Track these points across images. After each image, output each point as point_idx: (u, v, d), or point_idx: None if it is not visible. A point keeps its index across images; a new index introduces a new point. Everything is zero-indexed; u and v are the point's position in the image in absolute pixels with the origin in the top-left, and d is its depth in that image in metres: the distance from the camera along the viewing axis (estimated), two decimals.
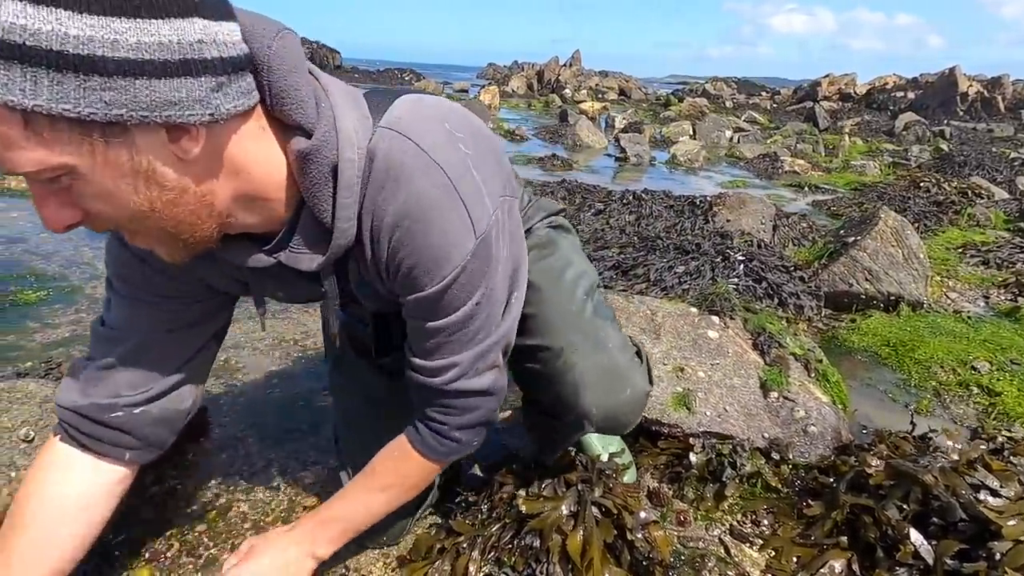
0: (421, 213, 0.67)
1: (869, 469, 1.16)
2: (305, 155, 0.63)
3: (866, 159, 6.99)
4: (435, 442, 0.83)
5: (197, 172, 0.59)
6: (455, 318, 0.73)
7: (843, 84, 15.97)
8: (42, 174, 0.52)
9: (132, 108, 0.50)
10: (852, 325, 2.27)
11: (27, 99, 0.47)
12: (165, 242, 0.63)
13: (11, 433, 1.06)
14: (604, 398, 0.88)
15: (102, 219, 0.58)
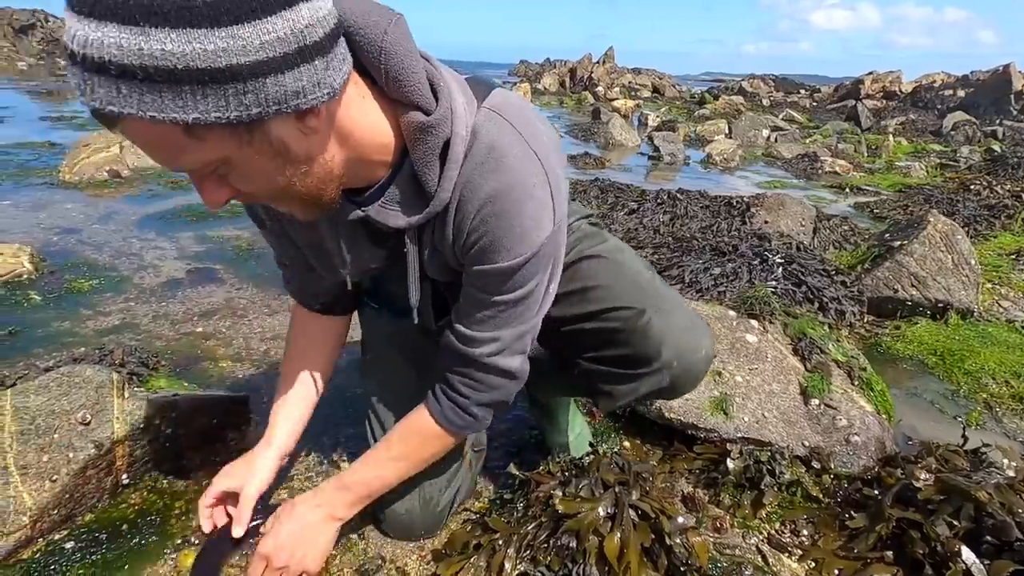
0: (514, 194, 0.73)
1: (917, 483, 1.12)
2: (424, 128, 0.71)
3: (911, 160, 6.73)
4: (454, 415, 0.89)
5: (320, 144, 0.66)
6: (513, 296, 0.79)
7: (887, 82, 15.40)
8: (203, 168, 0.62)
9: (266, 105, 0.57)
10: (896, 332, 2.19)
11: (186, 114, 0.54)
12: (302, 207, 0.73)
13: (69, 416, 1.11)
14: (684, 352, 0.90)
15: (250, 195, 0.68)
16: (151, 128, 0.55)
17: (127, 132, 0.57)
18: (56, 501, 1.05)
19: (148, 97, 0.52)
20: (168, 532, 1.10)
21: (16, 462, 1.04)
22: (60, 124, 5.68)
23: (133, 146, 3.95)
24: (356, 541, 1.11)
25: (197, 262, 2.47)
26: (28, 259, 2.21)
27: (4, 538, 1.00)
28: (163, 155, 0.59)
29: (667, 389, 0.94)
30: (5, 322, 1.83)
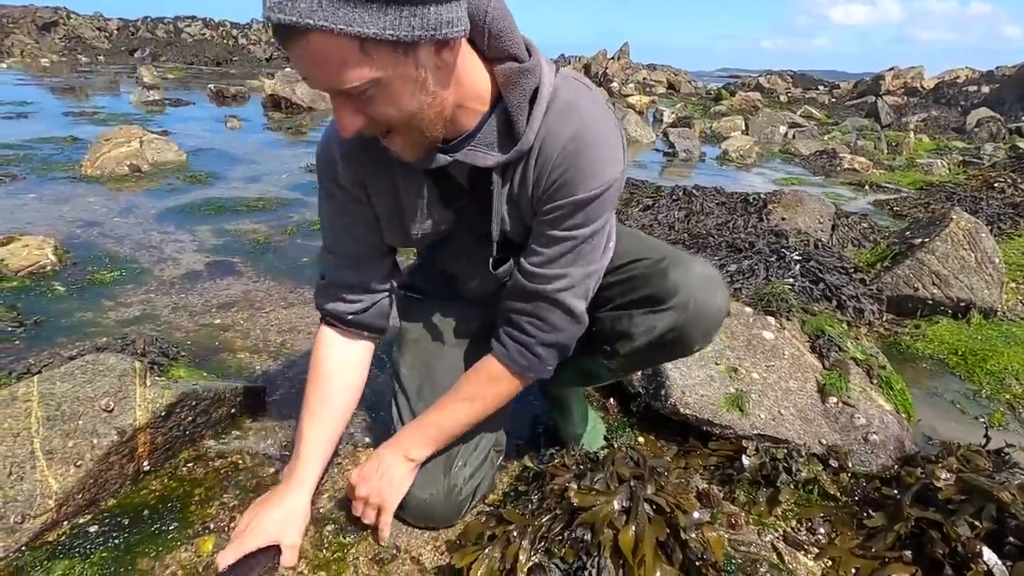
0: (591, 136, 0.85)
1: (938, 482, 1.10)
2: (521, 71, 0.82)
3: (933, 157, 6.60)
4: (519, 356, 0.98)
5: (445, 79, 0.77)
6: (585, 231, 0.89)
7: (909, 78, 15.10)
8: (359, 88, 0.70)
9: (427, 29, 0.67)
10: (916, 331, 2.15)
11: (368, 29, 0.64)
12: (413, 141, 0.81)
13: (94, 403, 1.13)
14: (700, 296, 0.94)
15: (381, 122, 0.76)
16: (332, 42, 0.64)
17: (307, 47, 0.65)
18: (80, 486, 1.08)
19: (342, 12, 0.62)
20: (188, 519, 1.12)
21: (42, 447, 1.07)
22: (82, 119, 5.78)
23: (152, 142, 4.01)
24: (369, 534, 1.12)
25: (215, 255, 2.50)
26: (52, 251, 2.26)
27: (31, 520, 1.02)
28: (330, 70, 0.68)
29: (682, 335, 0.95)
30: (30, 312, 1.87)
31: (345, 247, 1.05)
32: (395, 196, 0.97)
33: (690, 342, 0.97)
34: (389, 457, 1.06)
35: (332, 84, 0.70)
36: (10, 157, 3.90)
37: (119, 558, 1.02)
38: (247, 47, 17.81)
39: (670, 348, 0.99)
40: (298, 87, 7.60)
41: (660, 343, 0.97)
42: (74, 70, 11.43)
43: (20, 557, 1.01)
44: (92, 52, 15.04)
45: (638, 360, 1.07)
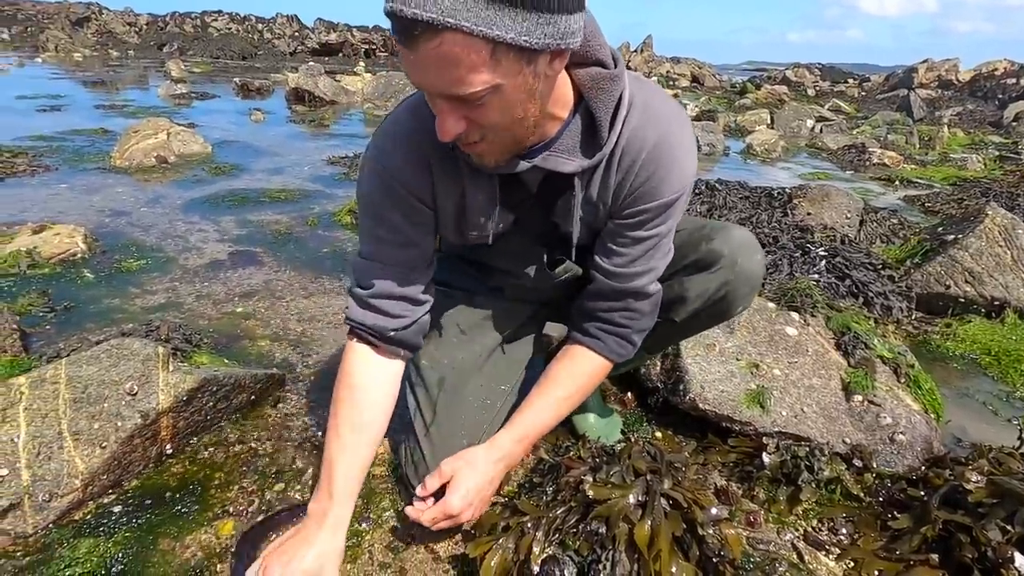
0: (673, 139, 0.88)
1: (968, 485, 1.07)
2: (610, 78, 0.82)
3: (968, 152, 6.38)
4: (618, 346, 1.01)
5: (548, 88, 0.76)
6: (667, 227, 0.94)
7: (943, 70, 14.62)
8: (478, 93, 0.67)
9: (555, 38, 0.65)
10: (947, 330, 2.09)
11: (506, 33, 0.62)
12: (502, 148, 0.80)
13: (118, 386, 1.16)
14: (743, 255, 1.00)
15: (483, 127, 0.74)
16: (466, 44, 0.62)
17: (439, 48, 0.62)
18: (105, 467, 1.10)
19: (484, 13, 0.60)
20: (208, 502, 1.14)
21: (69, 428, 1.10)
22: (112, 112, 5.91)
23: (178, 134, 4.09)
24: (386, 519, 1.13)
25: (238, 245, 2.54)
26: (82, 239, 2.32)
27: (58, 499, 1.05)
28: (456, 73, 0.65)
29: (729, 294, 1.02)
30: (61, 298, 1.92)
31: (393, 254, 0.97)
32: (461, 199, 0.94)
33: (736, 302, 1.04)
34: (492, 470, 0.98)
35: (452, 88, 0.66)
36: (44, 149, 4.01)
37: (141, 538, 1.05)
38: (271, 41, 18.02)
39: (718, 310, 1.05)
40: (321, 81, 7.66)
41: (711, 304, 1.03)
42: (105, 64, 11.70)
43: (48, 534, 1.04)
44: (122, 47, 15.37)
45: (682, 330, 1.13)
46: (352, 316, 0.99)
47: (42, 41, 13.90)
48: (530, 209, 0.97)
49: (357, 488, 0.98)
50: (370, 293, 0.97)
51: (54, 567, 0.98)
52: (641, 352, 1.14)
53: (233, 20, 19.84)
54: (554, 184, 0.92)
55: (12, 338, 1.52)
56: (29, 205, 2.85)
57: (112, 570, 0.98)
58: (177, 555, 1.02)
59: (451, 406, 1.11)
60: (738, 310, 1.07)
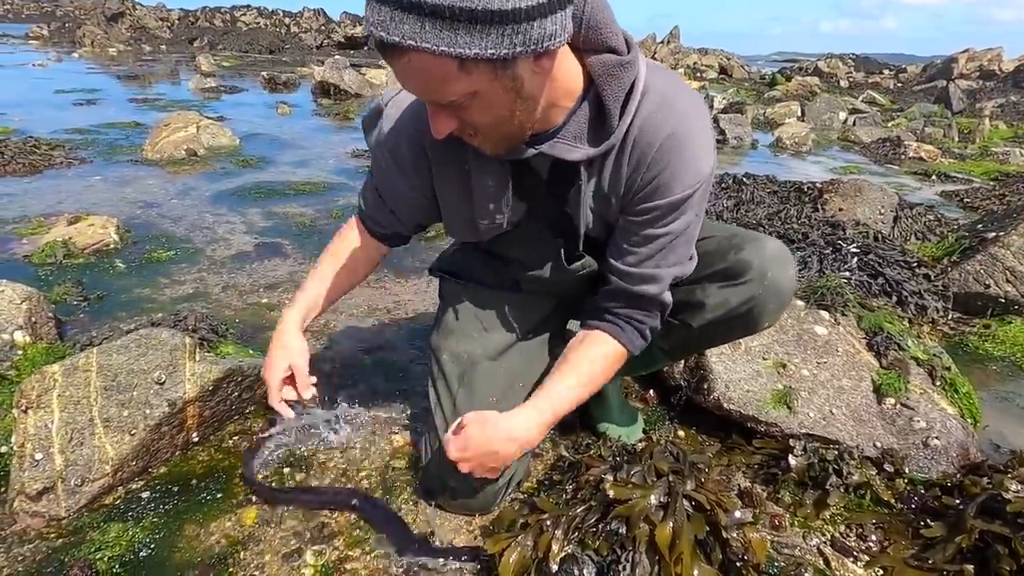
0: (689, 132, 0.84)
1: (1007, 494, 1.02)
2: (621, 64, 0.81)
3: (1011, 145, 6.12)
4: (637, 338, 1.00)
5: (539, 84, 0.76)
6: (680, 224, 0.89)
7: (985, 60, 14.02)
8: (456, 101, 0.71)
9: (527, 44, 0.65)
10: (986, 332, 2.00)
11: (469, 50, 0.63)
12: (499, 140, 0.82)
13: (147, 375, 1.18)
14: (775, 268, 0.96)
15: (472, 125, 0.77)
16: (432, 61, 0.65)
17: (409, 64, 0.66)
18: (134, 453, 1.13)
19: (445, 34, 0.62)
20: (232, 490, 1.16)
21: (100, 415, 1.13)
22: (144, 106, 6.05)
23: (208, 127, 4.16)
24: (406, 513, 1.13)
25: (264, 236, 2.58)
26: (115, 230, 2.38)
27: (89, 484, 1.08)
28: (430, 86, 0.70)
29: (755, 309, 0.97)
30: (94, 287, 1.98)
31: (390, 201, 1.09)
32: (467, 186, 0.96)
33: (762, 317, 0.99)
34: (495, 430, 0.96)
35: (430, 96, 0.73)
36: (80, 142, 4.13)
37: (168, 523, 1.07)
38: (298, 35, 18.21)
39: (740, 323, 1.01)
40: (346, 74, 7.71)
41: (731, 316, 0.99)
42: (138, 59, 11.98)
43: (80, 517, 1.07)
44: (155, 41, 15.71)
45: (701, 338, 1.08)
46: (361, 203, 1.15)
47: (79, 37, 14.29)
48: (542, 198, 0.96)
49: (317, 304, 1.15)
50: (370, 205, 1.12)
51: (85, 549, 1.01)
52: (662, 356, 1.12)
53: (261, 14, 20.12)
54: (564, 172, 0.91)
55: (48, 326, 1.57)
56: (65, 196, 2.94)
57: (140, 554, 1.01)
58: (202, 541, 1.05)
59: (471, 402, 1.11)
60: (764, 325, 1.03)
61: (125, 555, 1.00)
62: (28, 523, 1.04)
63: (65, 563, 0.98)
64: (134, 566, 0.99)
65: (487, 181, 0.93)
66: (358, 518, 1.10)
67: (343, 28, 18.93)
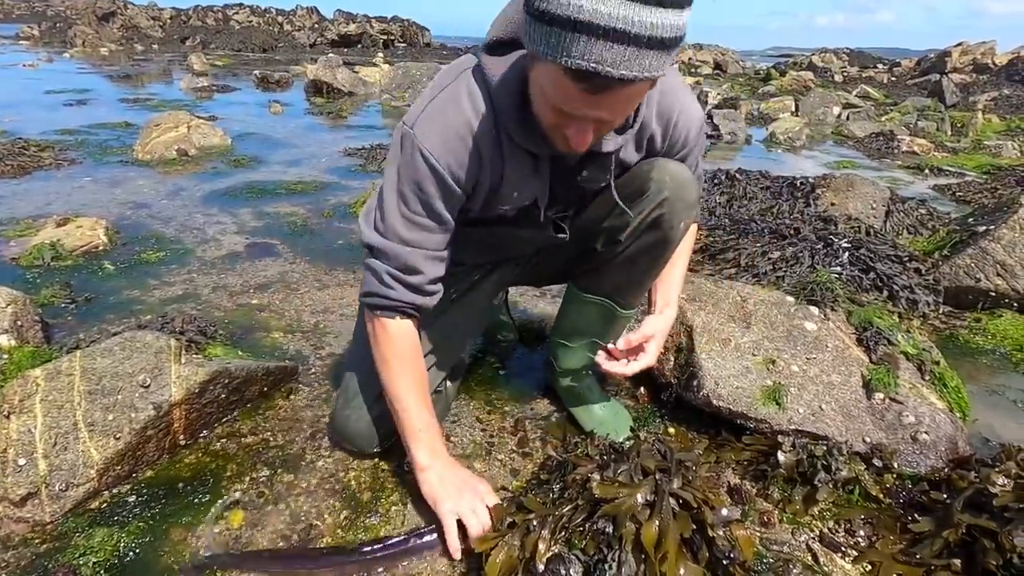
0: (684, 107, 1.07)
1: (993, 488, 1.02)
2: None
3: (1003, 139, 6.13)
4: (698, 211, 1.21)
5: None
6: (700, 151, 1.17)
7: (979, 54, 14.04)
8: (623, 115, 0.86)
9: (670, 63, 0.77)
10: (976, 325, 2.01)
11: (663, 72, 0.74)
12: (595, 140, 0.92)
13: (132, 378, 1.18)
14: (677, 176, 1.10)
15: (600, 134, 0.91)
16: (647, 86, 0.77)
17: (629, 91, 0.76)
18: (120, 457, 1.12)
19: (662, 60, 0.72)
20: (220, 493, 1.15)
21: (84, 419, 1.12)
22: (136, 106, 6.01)
23: (199, 127, 4.14)
24: (394, 514, 1.13)
25: (255, 237, 2.57)
26: (104, 232, 2.36)
27: (74, 488, 1.07)
28: (629, 107, 0.84)
29: (667, 214, 1.11)
30: (82, 289, 1.96)
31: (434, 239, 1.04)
32: (501, 177, 1.03)
33: (674, 220, 1.11)
34: (667, 322, 1.23)
35: (621, 116, 0.85)
36: (70, 143, 4.10)
37: (154, 528, 1.07)
38: (291, 33, 18.12)
39: (658, 234, 1.13)
40: (339, 72, 7.68)
41: (650, 226, 1.12)
42: (130, 58, 11.90)
43: (64, 522, 1.06)
44: (147, 41, 15.61)
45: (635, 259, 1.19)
46: (399, 297, 1.05)
47: (70, 37, 14.19)
48: (563, 180, 1.08)
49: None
50: (415, 278, 1.05)
51: (70, 555, 1.00)
52: (617, 307, 1.27)
53: (254, 13, 20.00)
54: (595, 160, 1.04)
55: (34, 329, 1.56)
56: (54, 198, 2.92)
57: (125, 559, 1.00)
58: (189, 545, 1.04)
59: None
60: (679, 227, 1.13)
61: (110, 560, 1.00)
62: (12, 529, 1.04)
63: (49, 569, 0.97)
64: (119, 571, 0.98)
65: (519, 171, 1.03)
66: (343, 521, 1.10)
67: (336, 26, 18.85)
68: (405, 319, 1.09)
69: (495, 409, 1.46)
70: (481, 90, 0.96)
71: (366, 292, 1.08)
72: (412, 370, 1.10)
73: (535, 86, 0.84)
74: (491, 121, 0.96)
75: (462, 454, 1.30)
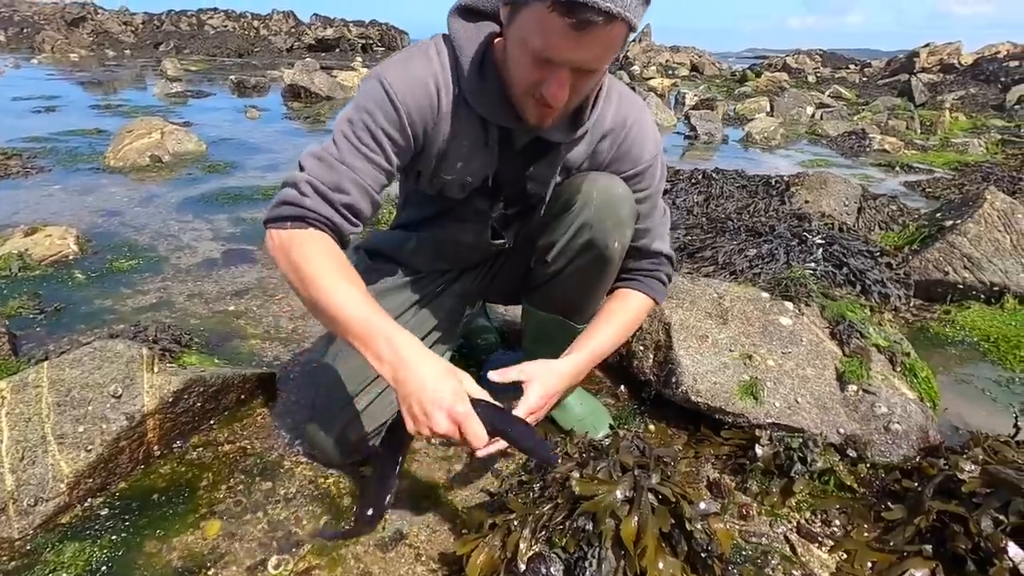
0: (645, 121, 1.10)
1: (961, 474, 1.05)
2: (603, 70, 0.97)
3: (969, 136, 6.31)
4: (662, 289, 1.20)
5: None
6: (654, 188, 1.13)
7: (945, 54, 14.42)
8: (604, 67, 0.87)
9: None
10: (946, 317, 2.06)
11: (640, 22, 0.79)
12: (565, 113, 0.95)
13: (103, 389, 1.15)
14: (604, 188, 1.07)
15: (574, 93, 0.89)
16: (624, 32, 0.80)
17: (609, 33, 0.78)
18: (91, 470, 1.10)
19: (641, 9, 0.78)
20: (195, 503, 1.13)
21: (54, 432, 1.09)
22: (107, 112, 5.89)
23: (173, 132, 4.07)
24: None
25: (231, 243, 2.53)
26: (74, 240, 2.31)
27: (44, 503, 1.04)
28: (607, 54, 0.83)
29: (596, 231, 1.07)
30: (52, 300, 1.91)
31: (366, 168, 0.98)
32: (448, 142, 1.04)
33: (605, 239, 1.08)
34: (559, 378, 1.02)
35: (595, 64, 0.84)
36: (38, 150, 4.00)
37: (128, 540, 1.04)
38: (268, 38, 17.92)
39: (591, 254, 1.10)
40: (316, 77, 7.62)
41: (582, 248, 1.09)
42: (101, 64, 11.66)
43: (34, 538, 1.03)
44: (119, 46, 15.31)
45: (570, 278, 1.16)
46: (315, 207, 0.93)
47: (38, 42, 13.86)
48: (510, 167, 1.07)
49: None
50: (338, 195, 0.95)
51: (39, 571, 0.97)
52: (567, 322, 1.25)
53: (229, 17, 19.74)
54: (537, 149, 1.05)
55: (0, 341, 1.51)
56: (22, 207, 2.84)
57: (97, 573, 0.98)
58: (163, 557, 1.02)
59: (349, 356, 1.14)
60: (613, 246, 1.08)
61: (82, 575, 0.97)
62: None
63: None
64: None
65: (464, 142, 1.03)
66: (321, 528, 1.09)
67: (314, 30, 18.70)
68: (318, 232, 0.95)
69: None
70: (448, 50, 0.99)
71: (272, 207, 0.95)
72: (337, 268, 0.91)
73: (514, 42, 0.86)
74: (453, 80, 0.98)
75: (442, 456, 1.29)
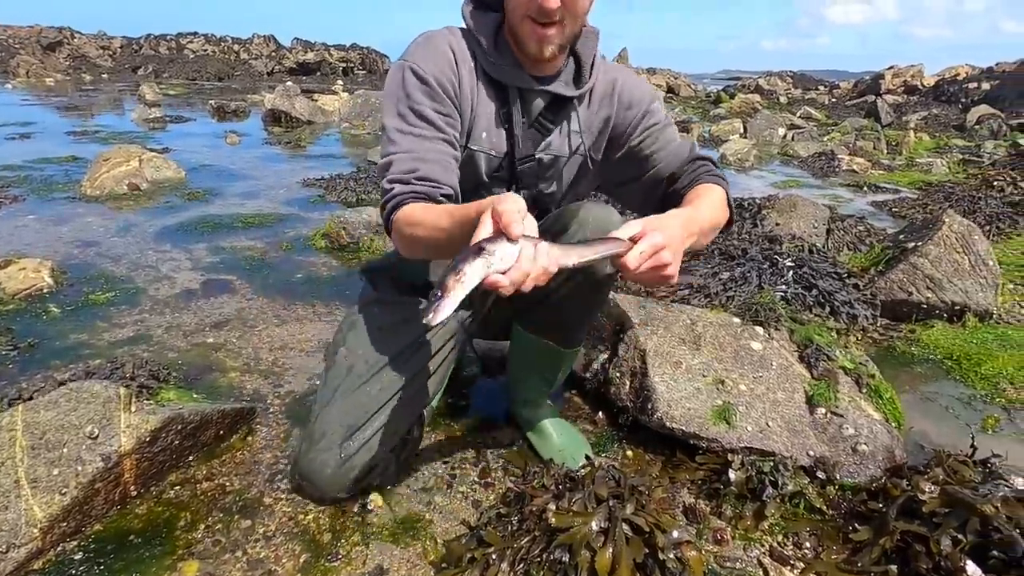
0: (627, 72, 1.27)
1: (922, 495, 1.09)
2: (593, 32, 1.18)
3: (933, 156, 6.57)
4: (719, 179, 1.23)
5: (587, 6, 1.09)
6: (664, 121, 1.28)
7: (909, 76, 15.03)
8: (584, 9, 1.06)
9: None
10: (911, 336, 2.14)
11: None
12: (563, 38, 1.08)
13: (78, 430, 1.14)
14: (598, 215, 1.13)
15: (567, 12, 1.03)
16: None
17: None
18: (65, 513, 1.09)
19: None
20: (173, 543, 1.12)
21: (27, 476, 1.08)
22: (84, 139, 5.84)
23: (151, 160, 4.06)
24: (356, 555, 1.12)
25: (211, 273, 2.52)
26: (48, 273, 2.28)
27: (16, 550, 1.03)
28: None
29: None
30: (25, 335, 1.89)
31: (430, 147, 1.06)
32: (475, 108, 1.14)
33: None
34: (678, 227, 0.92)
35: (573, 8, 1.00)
36: (12, 179, 3.95)
37: None
38: (248, 62, 17.98)
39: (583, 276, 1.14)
40: (297, 101, 7.66)
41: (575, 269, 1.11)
42: (78, 88, 11.57)
43: None
44: (96, 70, 15.22)
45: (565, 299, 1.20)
46: (398, 192, 1.01)
47: (13, 67, 13.72)
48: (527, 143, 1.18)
49: None
50: (411, 175, 1.03)
51: None
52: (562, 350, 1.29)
53: (209, 41, 19.77)
54: (558, 106, 1.18)
55: None
56: None
57: None
58: None
59: (350, 390, 1.16)
60: (606, 267, 1.11)
61: None
62: None
63: None
64: None
65: (489, 107, 1.15)
66: (307, 563, 1.09)
67: (295, 54, 18.79)
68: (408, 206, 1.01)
69: (456, 440, 1.48)
70: (464, 31, 1.15)
71: (384, 218, 1.05)
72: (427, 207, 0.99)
73: None
74: (471, 54, 1.13)
75: (423, 487, 1.30)
